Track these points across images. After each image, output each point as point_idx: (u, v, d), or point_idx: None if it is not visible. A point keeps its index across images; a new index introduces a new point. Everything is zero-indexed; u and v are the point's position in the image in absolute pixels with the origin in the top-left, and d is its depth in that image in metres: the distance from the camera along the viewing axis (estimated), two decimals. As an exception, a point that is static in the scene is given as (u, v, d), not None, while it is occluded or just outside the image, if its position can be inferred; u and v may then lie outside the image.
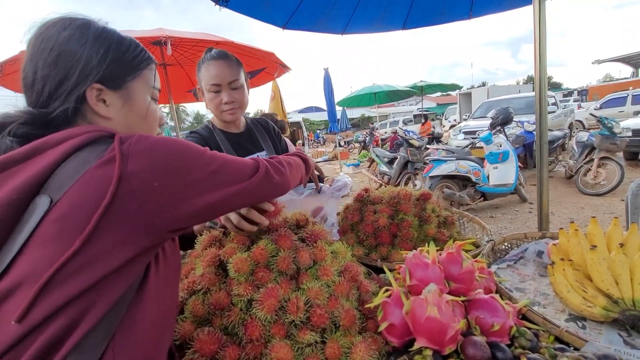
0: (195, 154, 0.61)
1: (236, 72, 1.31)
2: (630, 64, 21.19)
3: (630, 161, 7.18)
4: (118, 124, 0.66)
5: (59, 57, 0.59)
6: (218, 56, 1.30)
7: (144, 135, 0.58)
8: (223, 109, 1.33)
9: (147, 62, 0.71)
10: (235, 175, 0.65)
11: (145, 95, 0.70)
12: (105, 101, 0.64)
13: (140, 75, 0.69)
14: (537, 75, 1.80)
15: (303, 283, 0.80)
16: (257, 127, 1.56)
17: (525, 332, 0.75)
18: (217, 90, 1.30)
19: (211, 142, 1.38)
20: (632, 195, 1.72)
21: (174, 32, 3.63)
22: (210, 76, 1.29)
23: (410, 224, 1.27)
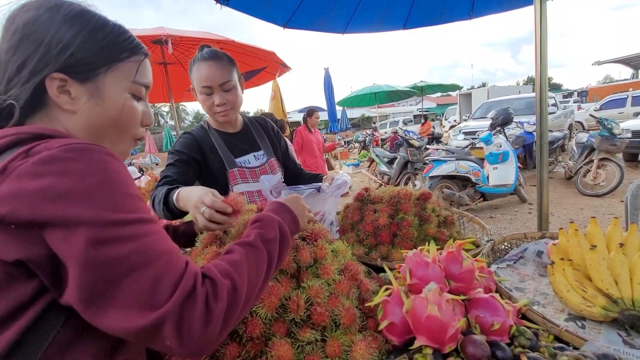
0: (105, 212, 0.46)
1: (228, 72, 1.27)
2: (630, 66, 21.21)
3: (629, 162, 7.20)
4: (84, 120, 0.59)
5: (21, 41, 0.53)
6: (209, 57, 1.26)
7: (68, 151, 0.47)
8: (215, 110, 1.30)
9: (129, 52, 0.62)
10: (136, 294, 0.45)
11: (121, 91, 0.61)
12: (70, 93, 0.56)
13: (117, 68, 0.60)
14: (537, 75, 1.80)
15: (303, 281, 0.80)
16: (255, 127, 1.53)
17: (525, 331, 0.75)
18: (209, 92, 1.27)
19: (205, 142, 1.35)
20: (632, 196, 1.72)
21: (174, 30, 3.63)
22: (201, 78, 1.25)
23: (410, 224, 1.27)
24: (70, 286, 0.44)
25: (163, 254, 0.49)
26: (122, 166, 0.53)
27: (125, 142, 0.66)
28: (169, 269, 0.48)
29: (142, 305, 0.45)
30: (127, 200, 0.50)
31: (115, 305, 0.45)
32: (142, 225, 0.50)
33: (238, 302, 0.53)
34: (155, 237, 0.51)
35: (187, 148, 1.31)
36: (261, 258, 0.62)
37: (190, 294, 0.48)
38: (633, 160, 7.29)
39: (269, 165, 1.45)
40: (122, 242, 0.46)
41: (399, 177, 6.05)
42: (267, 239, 0.65)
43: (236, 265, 0.57)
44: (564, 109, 10.34)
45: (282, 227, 0.70)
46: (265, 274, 0.61)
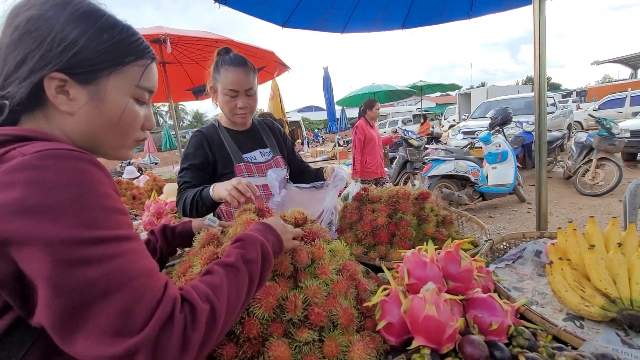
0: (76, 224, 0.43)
1: (253, 79, 1.38)
2: (628, 65, 21.25)
3: (628, 162, 7.22)
4: (81, 123, 0.56)
5: (23, 37, 0.51)
6: (239, 63, 1.35)
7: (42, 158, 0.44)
8: (237, 112, 1.40)
9: (136, 56, 0.60)
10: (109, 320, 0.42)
11: (123, 95, 0.59)
12: (68, 94, 0.54)
13: (121, 71, 0.58)
14: (536, 75, 1.80)
15: (301, 281, 0.80)
16: (263, 127, 1.62)
17: (523, 331, 0.75)
18: (234, 95, 1.36)
19: (214, 139, 1.44)
20: (630, 195, 1.72)
21: (173, 30, 3.62)
22: (229, 81, 1.34)
23: (408, 223, 1.27)
24: (40, 308, 0.42)
25: (139, 275, 0.46)
26: (104, 175, 0.50)
27: (126, 145, 0.64)
28: (145, 293, 0.45)
29: (114, 332, 0.42)
30: (105, 215, 0.46)
31: (86, 331, 0.41)
32: (118, 244, 0.46)
33: (216, 328, 0.50)
34: (132, 256, 0.47)
35: (199, 149, 1.41)
36: (242, 279, 0.60)
37: (167, 322, 0.45)
38: (632, 160, 7.31)
39: (274, 161, 1.53)
40: (95, 263, 0.43)
41: (398, 176, 6.05)
42: (248, 259, 0.63)
43: (216, 288, 0.54)
44: (563, 109, 10.36)
45: (264, 247, 0.68)
46: (245, 295, 0.59)
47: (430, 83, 14.48)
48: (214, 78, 1.40)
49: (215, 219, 1.08)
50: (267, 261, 0.68)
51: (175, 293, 0.49)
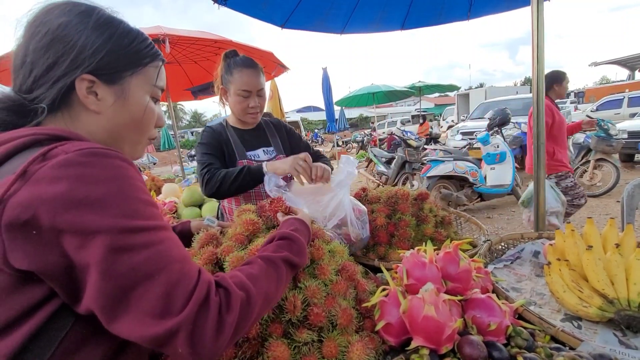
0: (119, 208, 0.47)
1: (263, 80, 1.45)
2: (626, 67, 21.32)
3: (625, 163, 7.24)
4: (107, 121, 0.61)
5: (52, 43, 0.55)
6: (251, 65, 1.42)
7: (85, 155, 0.48)
8: (248, 111, 1.46)
9: (151, 58, 0.65)
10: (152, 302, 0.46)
11: (144, 94, 0.65)
12: (97, 94, 0.58)
13: (141, 72, 0.63)
14: (534, 76, 1.80)
15: (300, 282, 0.80)
16: (269, 126, 1.68)
17: (521, 331, 0.75)
18: (247, 95, 1.43)
19: (222, 136, 1.51)
20: (628, 196, 1.73)
21: (171, 30, 3.62)
22: (243, 82, 1.40)
23: (407, 224, 1.27)
24: (90, 293, 0.45)
25: (177, 261, 0.50)
26: (137, 172, 0.54)
27: (143, 142, 0.69)
28: (183, 276, 0.49)
29: (157, 313, 0.45)
30: (143, 206, 0.50)
31: (132, 312, 0.45)
32: (157, 232, 0.50)
33: (250, 315, 0.54)
34: (169, 244, 0.51)
35: (212, 140, 1.48)
36: (280, 276, 0.65)
37: (203, 303, 0.48)
38: (629, 161, 7.33)
39: (277, 160, 1.52)
40: (139, 249, 0.47)
41: (397, 177, 6.06)
42: (293, 263, 0.69)
43: (254, 278, 0.58)
44: (561, 110, 10.38)
45: (305, 256, 0.75)
46: (280, 291, 0.65)
47: (429, 84, 14.50)
48: (224, 79, 1.45)
49: (213, 219, 1.09)
50: (302, 265, 0.74)
51: (209, 278, 0.52)
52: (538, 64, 1.77)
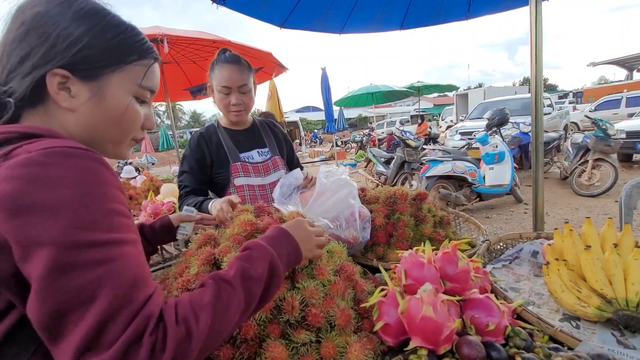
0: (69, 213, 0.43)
1: (246, 77, 1.38)
2: (624, 67, 21.39)
3: (623, 163, 7.27)
4: (82, 119, 0.56)
5: (28, 34, 0.52)
6: (231, 60, 1.37)
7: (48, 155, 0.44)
8: (230, 109, 1.41)
9: (139, 55, 0.60)
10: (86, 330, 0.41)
11: (125, 93, 0.59)
12: (70, 91, 0.54)
13: (124, 69, 0.58)
14: (533, 76, 1.80)
15: (298, 282, 0.79)
16: (263, 126, 1.63)
17: (519, 331, 0.75)
18: (227, 92, 1.38)
19: (212, 139, 1.47)
20: (626, 196, 1.74)
21: (170, 30, 3.61)
22: (222, 78, 1.36)
23: (406, 224, 1.27)
24: (29, 310, 0.41)
25: (125, 285, 0.44)
26: (111, 174, 0.49)
27: (125, 143, 0.65)
28: (127, 304, 0.44)
29: (86, 345, 0.40)
30: (105, 216, 0.46)
31: (63, 340, 0.41)
32: (113, 248, 0.45)
33: (189, 352, 0.46)
34: (124, 262, 0.46)
35: (197, 152, 1.45)
36: (236, 299, 0.54)
37: (135, 342, 0.42)
38: (627, 161, 7.36)
39: (272, 162, 1.53)
40: (85, 268, 0.42)
41: (396, 177, 6.06)
42: (249, 276, 0.57)
43: (201, 307, 0.50)
44: (560, 110, 10.41)
45: (273, 262, 0.62)
46: (239, 316, 0.55)
47: (428, 84, 14.54)
48: (210, 77, 1.42)
49: (192, 209, 1.11)
50: (275, 278, 0.62)
51: (153, 310, 0.46)
52: (536, 64, 1.77)
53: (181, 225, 1.08)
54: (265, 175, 1.50)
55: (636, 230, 3.66)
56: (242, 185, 1.45)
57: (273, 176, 1.52)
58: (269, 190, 1.49)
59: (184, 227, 1.08)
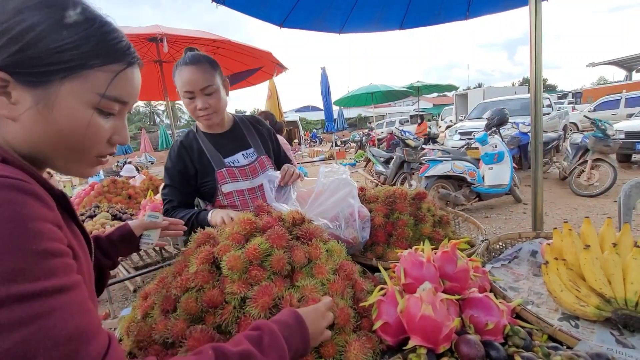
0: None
1: (210, 77, 1.27)
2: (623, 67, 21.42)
3: (622, 163, 7.29)
4: (24, 130, 0.47)
5: None
6: (190, 61, 1.26)
7: None
8: (198, 114, 1.32)
9: (104, 59, 0.49)
10: None
11: (81, 104, 0.48)
12: (10, 96, 0.45)
13: (81, 76, 0.48)
14: (532, 76, 1.81)
15: (297, 281, 0.79)
16: (245, 125, 1.53)
17: (519, 330, 0.75)
18: (191, 96, 1.28)
19: (193, 148, 1.39)
20: (625, 196, 1.74)
21: (170, 29, 3.60)
22: (183, 82, 1.26)
23: (405, 223, 1.27)
24: None
25: (66, 341, 0.36)
26: (41, 206, 0.41)
27: (84, 160, 0.54)
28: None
29: None
30: (34, 261, 0.37)
31: None
32: (46, 300, 0.36)
33: None
34: (63, 314, 0.37)
35: (178, 164, 1.37)
36: None
37: None
38: (626, 161, 7.37)
39: (259, 162, 1.45)
40: (10, 329, 0.33)
41: (395, 176, 6.06)
42: None
43: None
44: (559, 110, 10.42)
45: (282, 356, 0.54)
46: None
47: (428, 84, 14.56)
48: (175, 83, 1.32)
49: (156, 214, 0.99)
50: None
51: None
52: (536, 64, 1.78)
53: (145, 233, 0.96)
54: (254, 177, 1.43)
55: (635, 230, 3.66)
56: (231, 192, 1.38)
57: (261, 177, 1.44)
58: (259, 192, 1.43)
59: (147, 236, 0.96)
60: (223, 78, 1.35)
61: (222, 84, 1.34)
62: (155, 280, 0.92)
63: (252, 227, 0.89)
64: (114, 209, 3.22)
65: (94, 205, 3.26)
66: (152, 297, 0.86)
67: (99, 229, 2.59)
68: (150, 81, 4.84)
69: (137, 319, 0.86)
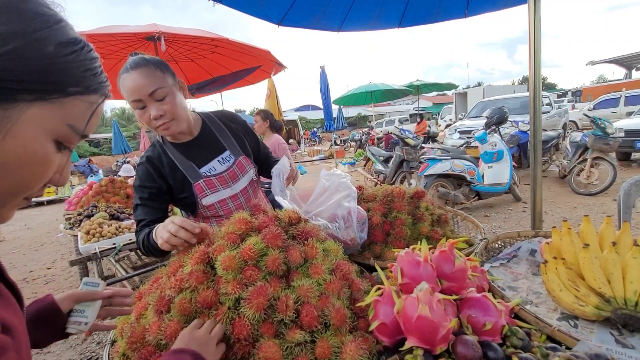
0: None
1: (158, 79, 1.10)
2: (623, 66, 21.43)
3: (622, 161, 7.28)
4: None
5: None
6: (131, 67, 1.09)
7: None
8: (154, 125, 1.14)
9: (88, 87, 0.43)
10: None
11: (43, 135, 0.40)
12: None
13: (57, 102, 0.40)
14: (531, 75, 1.80)
15: (293, 281, 0.78)
16: (216, 124, 1.37)
17: (517, 331, 0.74)
18: (141, 106, 1.11)
19: (163, 163, 1.25)
20: (624, 194, 1.73)
21: (167, 27, 3.59)
22: (127, 91, 1.09)
23: (403, 222, 1.26)
24: None
25: None
26: None
27: (12, 203, 0.43)
28: None
29: None
30: None
31: None
32: None
33: None
34: None
35: (147, 181, 1.23)
36: None
37: None
38: (626, 160, 7.37)
39: (237, 166, 1.33)
40: None
41: (395, 175, 6.06)
42: None
43: None
44: (559, 109, 10.42)
45: None
46: None
47: (427, 82, 14.52)
48: (122, 95, 1.14)
49: (97, 281, 0.78)
50: None
51: None
52: (535, 62, 1.77)
53: (76, 309, 0.72)
54: (234, 183, 1.32)
55: (635, 229, 3.66)
56: (213, 204, 1.28)
57: (243, 181, 1.34)
58: (242, 198, 1.34)
59: (80, 312, 0.71)
60: (176, 80, 1.19)
61: (177, 86, 1.19)
62: (150, 281, 0.91)
63: (248, 227, 0.88)
64: (112, 208, 3.21)
65: (92, 205, 3.25)
66: (147, 297, 0.85)
67: (96, 229, 2.58)
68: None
69: (131, 319, 0.85)
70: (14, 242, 6.36)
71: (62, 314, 0.69)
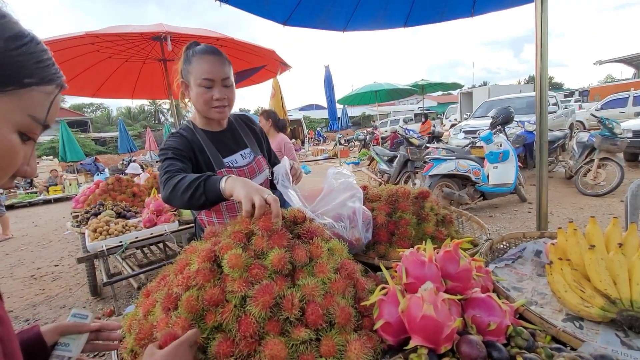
0: None
1: (229, 69, 1.27)
2: (631, 65, 21.15)
3: (630, 162, 7.20)
4: None
5: None
6: (212, 51, 1.25)
7: None
8: (213, 104, 1.26)
9: (42, 78, 0.45)
10: None
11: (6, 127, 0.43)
12: None
13: (15, 94, 0.42)
14: (537, 74, 1.79)
15: (299, 280, 0.79)
16: (240, 124, 1.50)
17: (521, 331, 0.74)
18: (210, 85, 1.23)
19: (194, 142, 1.31)
20: (632, 195, 1.71)
21: (174, 27, 3.61)
22: (203, 70, 1.21)
23: (408, 222, 1.27)
24: None
25: None
26: None
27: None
28: None
29: None
30: None
31: None
32: None
33: None
34: None
35: (181, 145, 1.25)
36: None
37: None
38: (633, 160, 7.28)
39: (256, 163, 1.42)
40: None
41: (399, 175, 6.04)
42: None
43: None
44: (565, 109, 10.32)
45: None
46: None
47: (432, 82, 14.46)
48: (184, 71, 1.27)
49: (85, 313, 0.75)
50: None
51: None
52: (541, 62, 1.75)
53: (61, 341, 0.69)
54: (252, 178, 1.38)
55: (642, 230, 3.61)
56: None
57: (259, 178, 1.40)
58: None
59: (65, 345, 0.68)
60: (233, 77, 1.34)
61: (233, 80, 1.33)
62: (157, 278, 0.92)
63: (254, 226, 0.89)
64: (119, 206, 3.25)
65: (99, 203, 3.29)
66: (154, 295, 0.86)
67: (103, 227, 2.61)
68: (155, 80, 4.86)
69: (139, 316, 0.86)
70: (22, 239, 6.45)
71: (46, 347, 0.66)
